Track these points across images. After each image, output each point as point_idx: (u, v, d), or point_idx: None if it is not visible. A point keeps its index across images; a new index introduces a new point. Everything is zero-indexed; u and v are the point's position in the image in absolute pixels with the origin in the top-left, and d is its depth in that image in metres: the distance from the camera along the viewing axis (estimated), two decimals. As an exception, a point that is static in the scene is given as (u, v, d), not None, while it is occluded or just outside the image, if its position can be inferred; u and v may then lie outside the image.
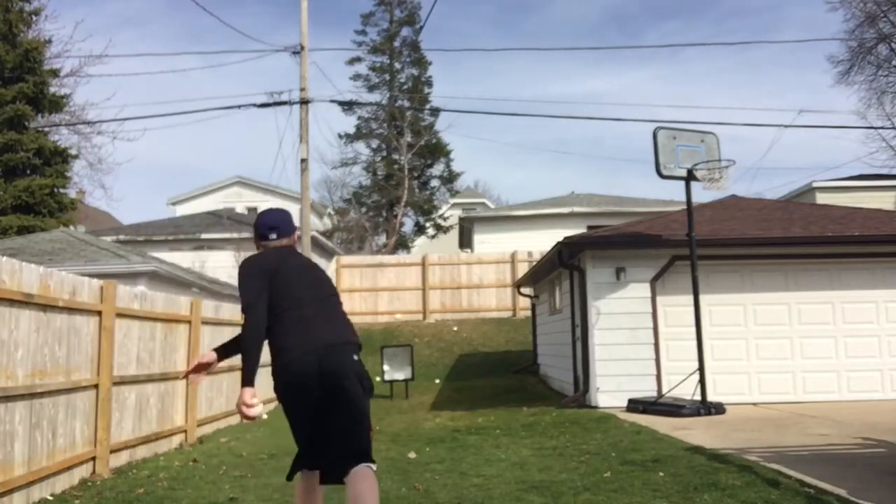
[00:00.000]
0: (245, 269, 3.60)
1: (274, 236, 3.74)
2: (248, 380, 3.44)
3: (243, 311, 3.50)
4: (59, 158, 23.54)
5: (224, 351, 3.83)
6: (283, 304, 3.49)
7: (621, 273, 10.09)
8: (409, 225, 35.32)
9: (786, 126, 26.05)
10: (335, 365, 3.44)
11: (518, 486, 5.47)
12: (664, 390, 9.68)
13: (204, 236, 22.34)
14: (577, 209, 24.83)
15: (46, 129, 24.46)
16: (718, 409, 8.96)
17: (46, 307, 5.73)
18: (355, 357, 3.54)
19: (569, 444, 7.31)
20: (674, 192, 65.31)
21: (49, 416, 5.76)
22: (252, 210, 30.55)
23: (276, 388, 3.54)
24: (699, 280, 9.38)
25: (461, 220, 28.55)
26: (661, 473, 5.61)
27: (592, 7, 74.20)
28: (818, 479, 5.06)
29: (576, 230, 15.78)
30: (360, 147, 35.08)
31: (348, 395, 3.42)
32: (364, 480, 3.29)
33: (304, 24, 19.23)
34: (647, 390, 9.74)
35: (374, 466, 3.39)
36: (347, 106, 31.33)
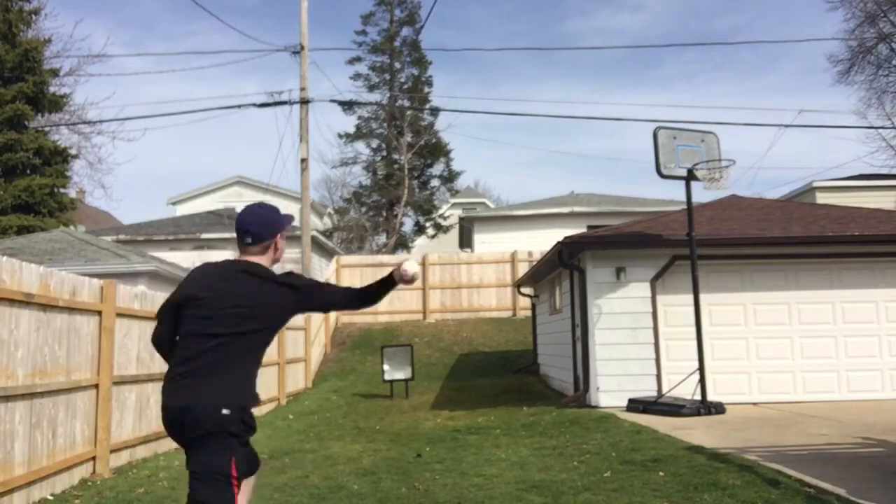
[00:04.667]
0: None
1: (249, 241, 3.23)
2: None
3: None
4: (58, 158, 23.54)
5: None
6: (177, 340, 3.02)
7: (621, 273, 10.09)
8: (409, 225, 35.36)
9: (786, 126, 26.02)
10: (189, 440, 2.86)
11: (518, 486, 5.47)
12: (664, 390, 9.68)
13: (204, 236, 22.34)
14: (577, 209, 24.83)
15: (46, 128, 24.47)
16: (718, 408, 8.96)
17: (46, 307, 5.73)
18: (227, 425, 2.83)
19: (569, 443, 7.31)
20: (674, 192, 65.37)
21: (49, 415, 5.76)
22: (252, 210, 30.51)
23: None
24: (699, 280, 9.38)
25: (461, 219, 28.55)
26: (662, 473, 5.62)
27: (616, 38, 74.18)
28: (818, 478, 5.06)
29: (576, 230, 15.77)
30: (360, 147, 35.14)
31: (198, 468, 2.81)
32: None
33: (304, 23, 19.23)
34: (647, 390, 9.74)
35: None
36: (347, 106, 31.38)
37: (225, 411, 2.83)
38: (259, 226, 3.26)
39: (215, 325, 2.95)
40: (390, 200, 33.55)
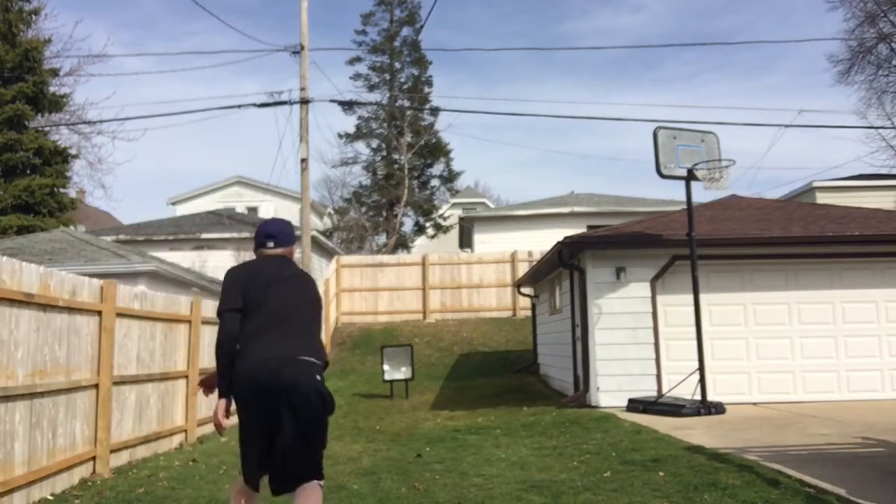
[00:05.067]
0: (226, 277, 3.63)
1: (271, 244, 3.76)
2: (221, 391, 3.45)
3: (218, 315, 3.55)
4: (58, 158, 23.54)
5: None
6: (253, 315, 3.48)
7: (621, 273, 10.09)
8: (409, 225, 35.36)
9: (786, 126, 26.01)
10: (291, 381, 3.35)
11: (518, 486, 5.47)
12: (664, 390, 9.68)
13: (204, 236, 22.33)
14: (577, 209, 24.83)
15: (46, 128, 24.47)
16: (718, 408, 8.96)
17: (46, 307, 5.73)
18: (318, 377, 3.44)
19: (569, 443, 7.31)
20: (674, 192, 65.38)
21: (49, 415, 5.76)
22: (252, 210, 30.57)
23: (235, 396, 3.49)
24: (699, 280, 9.38)
25: (461, 219, 28.55)
26: (662, 473, 5.62)
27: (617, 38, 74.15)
28: (818, 478, 5.06)
29: (576, 230, 15.77)
30: (360, 147, 35.14)
31: (304, 412, 3.35)
32: (310, 495, 3.34)
33: (304, 24, 19.23)
34: (647, 390, 9.74)
35: (322, 483, 3.41)
36: (347, 106, 31.38)
37: None
38: (283, 234, 3.85)
39: None
40: (390, 200, 33.55)
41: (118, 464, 6.97)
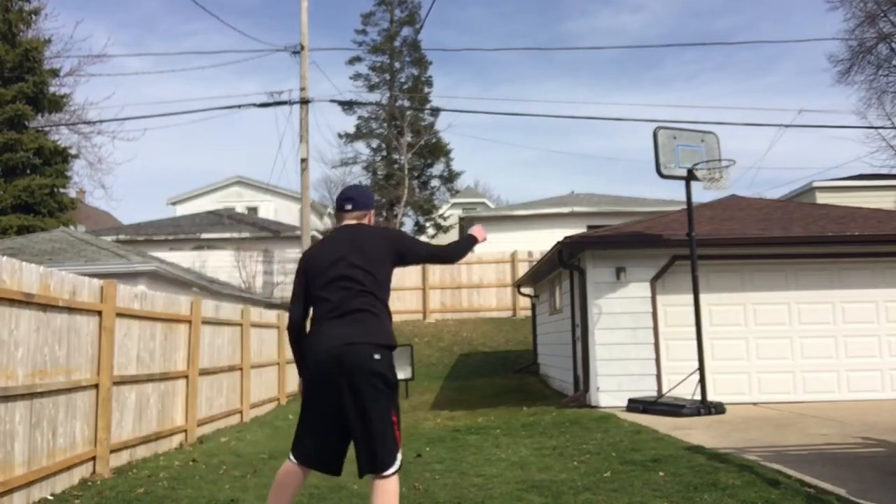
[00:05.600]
0: (299, 264, 3.81)
1: (349, 207, 3.82)
2: (299, 371, 3.71)
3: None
4: (58, 158, 23.53)
5: None
6: (316, 301, 3.64)
7: (621, 273, 10.09)
8: (409, 224, 35.33)
9: (786, 126, 26.00)
10: (350, 367, 3.40)
11: (518, 486, 5.47)
12: (664, 390, 9.68)
13: (204, 236, 22.33)
14: (577, 209, 24.83)
15: (46, 128, 24.47)
16: (718, 408, 8.96)
17: (46, 307, 5.73)
18: (376, 356, 3.43)
19: (569, 443, 7.31)
20: (674, 192, 65.37)
21: (49, 415, 5.76)
22: (252, 210, 30.56)
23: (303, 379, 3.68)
24: (699, 280, 9.38)
25: (461, 219, 28.56)
26: (661, 473, 5.61)
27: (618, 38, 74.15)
28: (818, 478, 5.06)
29: (576, 230, 15.76)
30: (360, 147, 35.12)
31: (369, 397, 3.39)
32: (384, 486, 3.37)
33: (304, 23, 19.24)
34: (647, 390, 9.74)
35: (394, 468, 3.39)
36: (347, 106, 31.36)
37: None
38: (361, 196, 3.93)
39: None
40: (390, 200, 33.54)
41: (118, 464, 6.97)
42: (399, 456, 3.45)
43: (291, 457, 3.57)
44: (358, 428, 3.39)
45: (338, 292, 3.55)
